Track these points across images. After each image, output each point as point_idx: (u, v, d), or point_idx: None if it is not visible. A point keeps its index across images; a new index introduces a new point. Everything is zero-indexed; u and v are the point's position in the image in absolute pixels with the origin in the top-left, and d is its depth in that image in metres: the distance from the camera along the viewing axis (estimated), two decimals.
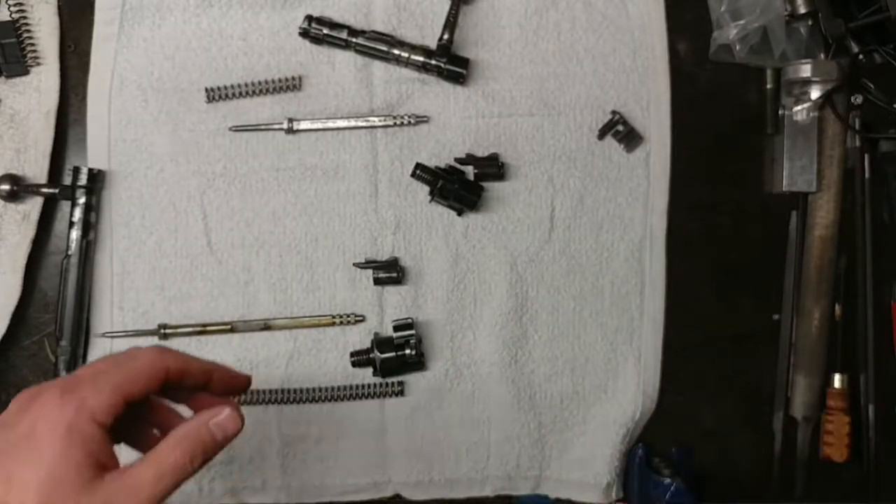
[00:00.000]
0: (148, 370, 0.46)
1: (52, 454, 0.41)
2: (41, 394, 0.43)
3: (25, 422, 0.42)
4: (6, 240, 0.69)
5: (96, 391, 0.43)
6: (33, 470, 0.40)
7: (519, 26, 0.70)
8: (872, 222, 0.70)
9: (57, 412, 0.42)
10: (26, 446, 0.41)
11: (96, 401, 0.42)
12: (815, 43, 0.69)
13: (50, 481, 0.40)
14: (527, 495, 0.71)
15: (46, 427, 0.41)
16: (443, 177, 0.67)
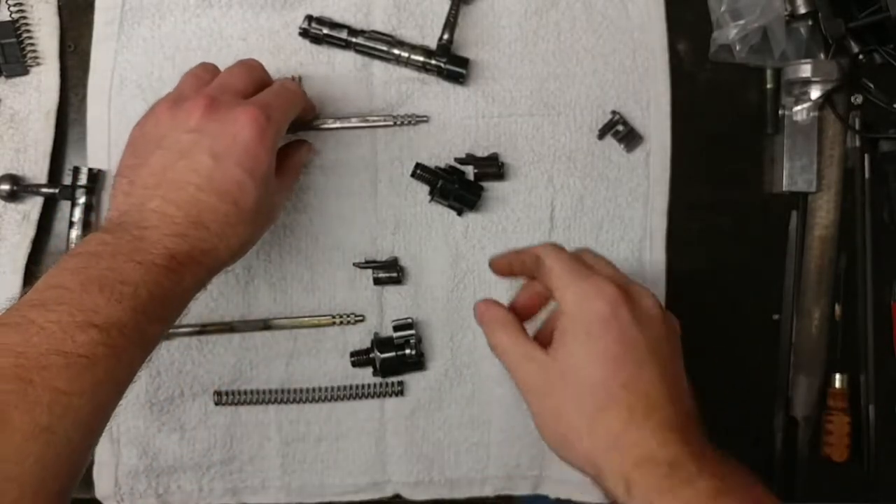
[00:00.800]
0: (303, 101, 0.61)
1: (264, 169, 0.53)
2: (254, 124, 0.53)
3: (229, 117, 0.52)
4: (6, 240, 0.69)
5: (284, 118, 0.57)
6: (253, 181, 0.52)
7: (519, 26, 0.70)
8: (872, 222, 0.70)
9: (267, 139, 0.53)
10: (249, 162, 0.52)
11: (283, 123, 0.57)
12: (815, 43, 0.69)
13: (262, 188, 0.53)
14: (527, 495, 0.71)
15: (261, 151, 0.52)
16: (443, 177, 0.67)
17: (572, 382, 0.49)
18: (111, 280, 0.45)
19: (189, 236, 0.49)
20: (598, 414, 0.48)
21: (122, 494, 0.70)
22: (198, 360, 0.70)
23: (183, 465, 0.70)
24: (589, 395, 0.48)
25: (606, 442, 0.47)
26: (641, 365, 0.48)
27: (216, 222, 0.50)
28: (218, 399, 0.70)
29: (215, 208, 0.50)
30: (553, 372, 0.50)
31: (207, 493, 0.70)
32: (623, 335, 0.48)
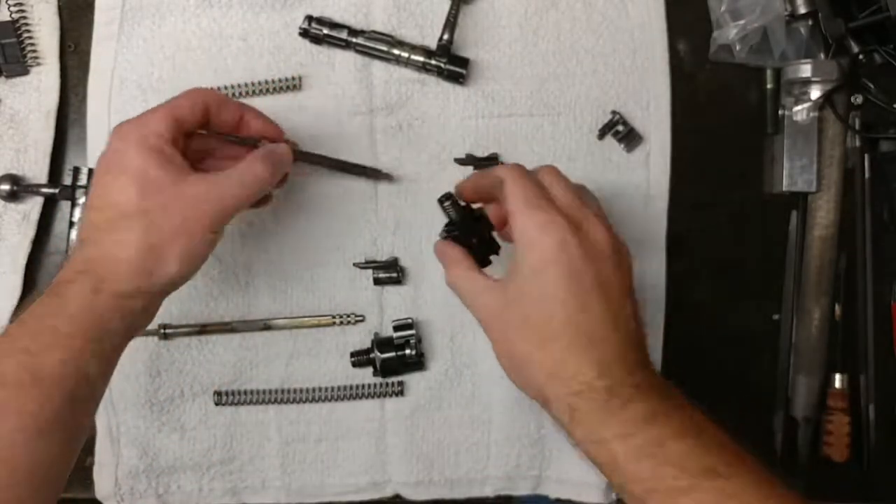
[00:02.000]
0: (189, 96, 0.55)
1: (136, 162, 0.51)
2: (113, 133, 0.53)
3: (108, 152, 0.53)
4: (6, 240, 0.69)
5: (151, 114, 0.54)
6: (127, 177, 0.51)
7: (519, 26, 0.70)
8: (872, 222, 0.70)
9: (127, 135, 0.52)
10: (115, 163, 0.52)
11: (153, 119, 0.53)
12: (815, 43, 0.69)
13: (142, 180, 0.51)
14: (527, 495, 0.71)
15: (123, 148, 0.52)
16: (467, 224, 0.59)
17: (520, 314, 0.51)
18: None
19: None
20: (542, 344, 0.50)
21: (122, 494, 0.70)
22: (198, 360, 0.70)
23: (183, 465, 0.70)
24: (534, 327, 0.50)
25: (549, 371, 0.49)
26: (586, 300, 0.49)
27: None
28: (218, 399, 0.70)
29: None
30: (504, 302, 0.52)
31: (207, 493, 0.70)
32: (569, 271, 0.49)
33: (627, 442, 0.47)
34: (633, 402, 0.48)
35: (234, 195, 0.53)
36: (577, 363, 0.49)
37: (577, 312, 0.49)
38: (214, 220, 0.53)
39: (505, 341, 0.52)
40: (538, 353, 0.50)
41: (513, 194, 0.51)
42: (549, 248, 0.49)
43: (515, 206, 0.51)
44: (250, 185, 0.54)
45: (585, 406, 0.48)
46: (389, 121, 0.70)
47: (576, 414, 0.49)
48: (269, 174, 0.56)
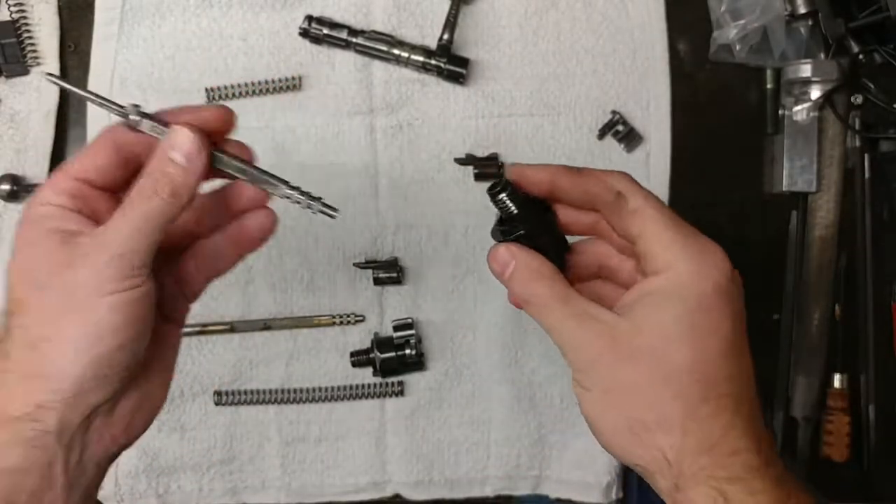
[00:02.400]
0: (94, 144, 0.43)
1: (20, 242, 0.41)
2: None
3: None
4: (6, 240, 0.69)
5: (45, 184, 0.42)
6: (13, 259, 0.41)
7: (519, 26, 0.70)
8: (873, 222, 0.70)
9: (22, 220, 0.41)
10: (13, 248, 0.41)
11: (44, 190, 0.42)
12: (816, 43, 0.69)
13: (22, 260, 0.40)
14: (527, 495, 0.71)
15: (17, 231, 0.41)
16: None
17: (657, 360, 0.39)
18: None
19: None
20: (695, 407, 0.39)
21: (122, 494, 0.70)
22: (198, 360, 0.70)
23: (183, 465, 0.70)
24: (683, 381, 0.39)
25: (700, 443, 0.38)
26: (745, 353, 0.41)
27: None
28: (218, 399, 0.70)
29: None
30: (624, 340, 0.40)
31: (207, 493, 0.70)
32: (736, 317, 0.41)
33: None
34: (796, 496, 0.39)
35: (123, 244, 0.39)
36: (739, 437, 0.39)
37: (740, 367, 0.40)
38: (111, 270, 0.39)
39: (618, 391, 0.40)
40: (685, 417, 0.39)
41: (650, 212, 0.42)
42: (717, 289, 0.41)
43: (660, 230, 0.41)
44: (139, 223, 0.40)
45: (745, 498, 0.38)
46: (389, 121, 0.70)
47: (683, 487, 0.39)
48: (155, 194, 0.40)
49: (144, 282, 0.40)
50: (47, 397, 0.38)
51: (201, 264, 0.47)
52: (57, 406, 0.38)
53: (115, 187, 0.44)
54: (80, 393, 0.38)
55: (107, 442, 0.41)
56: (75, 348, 0.38)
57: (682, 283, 0.40)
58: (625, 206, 0.42)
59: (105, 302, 0.38)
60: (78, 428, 0.39)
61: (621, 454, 0.41)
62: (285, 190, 0.47)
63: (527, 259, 0.43)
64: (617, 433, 0.41)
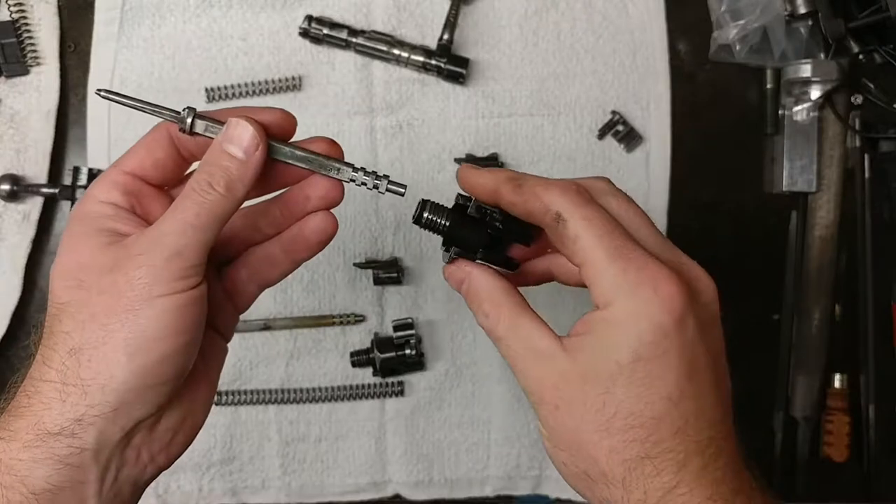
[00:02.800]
0: (148, 137, 0.42)
1: (68, 241, 0.39)
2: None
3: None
4: (6, 240, 0.69)
5: (96, 181, 0.41)
6: (58, 258, 0.39)
7: (519, 26, 0.70)
8: (872, 222, 0.70)
9: (71, 220, 0.40)
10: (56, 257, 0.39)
11: (97, 185, 0.40)
12: (815, 43, 0.69)
13: (67, 261, 0.38)
14: (527, 495, 0.71)
15: (67, 225, 0.40)
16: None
17: (596, 410, 0.36)
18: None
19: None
20: (639, 463, 0.36)
21: None
22: None
23: (183, 465, 0.70)
24: (621, 437, 0.36)
25: (645, 500, 0.36)
26: (701, 396, 0.36)
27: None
28: (218, 399, 0.70)
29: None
30: (567, 382, 0.37)
31: (207, 493, 0.70)
32: (686, 360, 0.36)
33: None
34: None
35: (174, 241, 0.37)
36: (690, 492, 0.36)
37: (692, 416, 0.36)
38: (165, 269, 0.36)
39: (568, 438, 0.37)
40: (630, 472, 0.36)
41: (586, 238, 0.37)
42: (659, 330, 0.35)
43: (595, 259, 0.37)
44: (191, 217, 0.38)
45: None
46: (389, 120, 0.70)
47: None
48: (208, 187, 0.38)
49: (199, 282, 0.38)
50: (87, 411, 0.35)
51: (253, 273, 0.45)
52: (96, 421, 0.35)
53: (170, 184, 0.43)
54: (122, 406, 0.36)
55: (145, 461, 0.39)
56: (121, 356, 0.35)
57: (620, 326, 0.36)
58: (564, 230, 0.38)
59: (157, 304, 0.36)
60: (117, 445, 0.36)
61: (579, 493, 0.39)
62: (351, 173, 0.44)
63: (487, 284, 0.41)
64: (569, 476, 0.39)
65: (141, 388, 0.36)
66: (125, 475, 0.38)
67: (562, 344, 0.38)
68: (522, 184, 0.39)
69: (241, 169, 0.39)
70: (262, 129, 0.41)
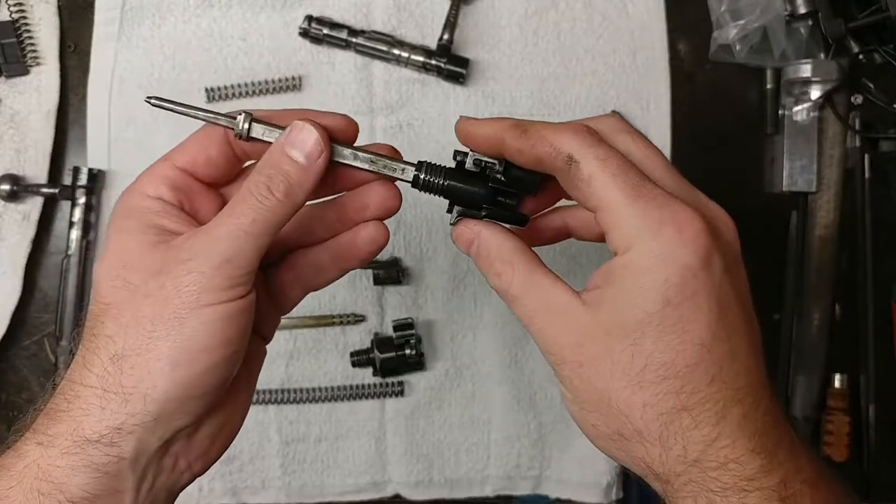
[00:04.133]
0: (202, 133, 0.40)
1: (114, 237, 0.37)
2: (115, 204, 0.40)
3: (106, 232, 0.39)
4: (6, 240, 0.69)
5: (146, 173, 0.39)
6: (104, 255, 0.37)
7: (519, 26, 0.70)
8: (873, 222, 0.70)
9: (116, 206, 0.39)
10: (101, 250, 0.39)
11: (145, 179, 0.39)
12: (816, 43, 0.69)
13: (113, 258, 0.37)
14: (527, 495, 0.71)
15: (111, 223, 0.38)
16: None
17: (625, 365, 0.34)
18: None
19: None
20: (675, 416, 0.33)
21: None
22: None
23: None
24: (655, 390, 0.33)
25: (685, 455, 0.33)
26: (734, 340, 0.34)
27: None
28: None
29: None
30: (593, 338, 0.35)
31: (208, 493, 0.70)
32: (716, 301, 0.34)
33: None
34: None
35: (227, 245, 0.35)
36: (731, 444, 0.33)
37: (728, 363, 0.34)
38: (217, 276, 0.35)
39: (593, 395, 0.35)
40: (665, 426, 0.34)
41: (601, 179, 0.35)
42: (686, 270, 0.34)
43: (613, 200, 0.35)
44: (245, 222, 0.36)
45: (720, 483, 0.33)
46: (390, 120, 0.70)
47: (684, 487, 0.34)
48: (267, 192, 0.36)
49: (249, 291, 0.36)
50: (126, 420, 0.34)
51: (300, 277, 0.43)
52: (136, 430, 0.34)
53: (221, 182, 0.41)
54: (163, 416, 0.35)
55: (182, 469, 0.38)
56: (164, 366, 0.34)
57: (644, 270, 0.34)
58: (577, 172, 0.35)
59: (205, 313, 0.34)
60: (155, 454, 0.36)
61: (611, 457, 0.37)
62: (413, 172, 0.42)
63: (500, 243, 0.38)
64: (600, 438, 0.36)
65: (183, 398, 0.35)
66: (161, 482, 0.37)
67: (581, 298, 0.35)
68: (528, 129, 0.37)
69: (303, 175, 0.37)
70: (325, 133, 0.39)
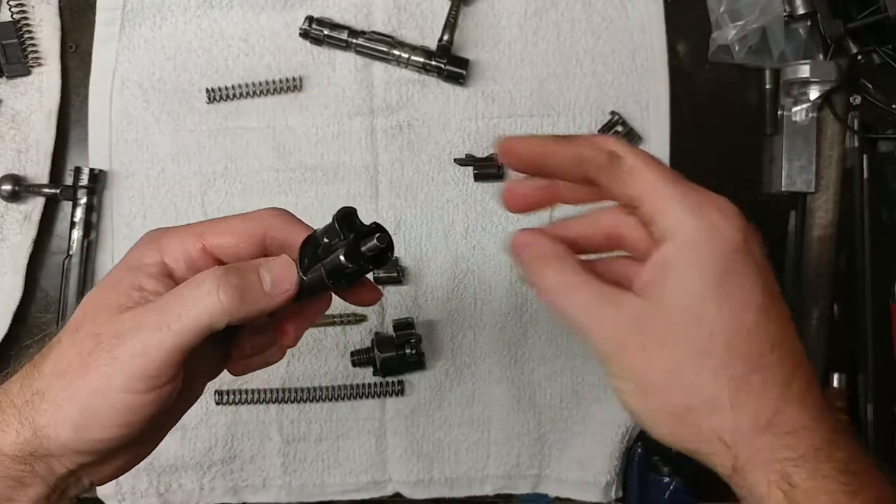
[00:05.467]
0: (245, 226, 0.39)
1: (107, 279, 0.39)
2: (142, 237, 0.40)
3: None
4: (8, 240, 0.69)
5: (178, 234, 0.39)
6: (87, 295, 0.39)
7: (518, 27, 0.70)
8: (871, 222, 0.70)
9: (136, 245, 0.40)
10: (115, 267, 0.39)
11: (172, 241, 0.39)
12: (814, 43, 0.69)
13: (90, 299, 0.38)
14: (527, 494, 0.71)
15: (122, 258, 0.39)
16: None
17: (689, 338, 0.35)
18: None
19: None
20: (745, 379, 0.34)
21: (123, 493, 0.70)
22: None
23: (184, 464, 0.70)
24: (723, 354, 0.35)
25: (755, 421, 0.34)
26: (783, 315, 0.36)
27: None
28: (219, 398, 0.70)
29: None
30: (650, 322, 0.36)
31: (208, 492, 0.70)
32: (764, 274, 0.36)
33: None
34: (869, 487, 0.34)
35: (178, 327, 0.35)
36: (799, 410, 0.34)
37: (784, 330, 0.36)
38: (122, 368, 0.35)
39: (656, 375, 0.36)
40: (735, 392, 0.35)
41: (648, 170, 0.36)
42: (733, 244, 0.35)
43: (661, 187, 0.36)
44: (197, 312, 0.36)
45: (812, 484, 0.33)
46: (390, 121, 0.70)
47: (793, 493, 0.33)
48: (222, 297, 0.36)
49: (165, 383, 0.36)
50: (37, 449, 0.36)
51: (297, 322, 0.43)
52: (46, 458, 0.36)
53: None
54: (67, 455, 0.37)
55: (94, 480, 0.40)
56: (69, 425, 0.36)
57: (696, 246, 0.35)
58: (620, 166, 0.37)
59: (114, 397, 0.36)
60: (64, 475, 0.38)
61: (673, 442, 0.37)
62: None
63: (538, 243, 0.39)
64: (663, 422, 0.37)
65: (85, 451, 0.37)
66: (74, 490, 0.39)
67: (634, 290, 0.37)
68: (571, 136, 0.39)
69: (258, 299, 0.37)
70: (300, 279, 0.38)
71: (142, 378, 0.35)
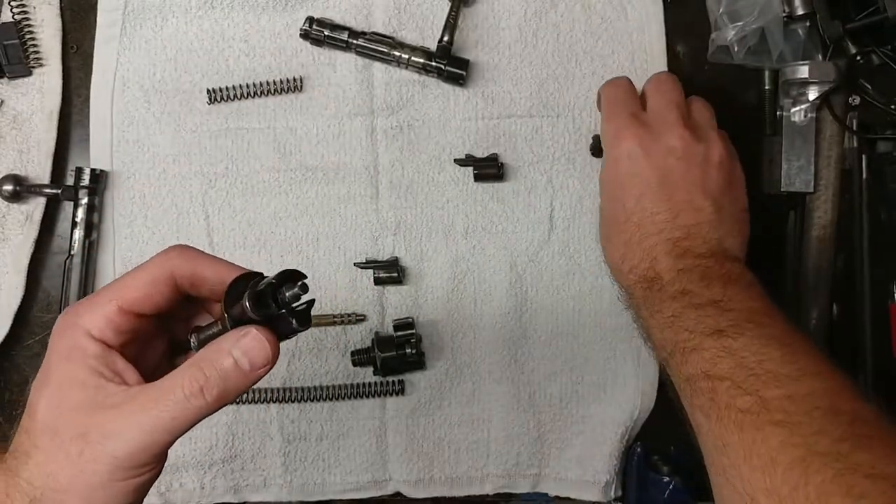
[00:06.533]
0: (147, 275, 0.41)
1: (56, 376, 0.40)
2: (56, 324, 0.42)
3: (47, 354, 0.41)
4: (9, 240, 0.69)
5: (90, 307, 0.41)
6: (42, 395, 0.40)
7: (518, 28, 0.70)
8: (870, 223, 0.71)
9: (59, 336, 0.41)
10: (41, 376, 0.41)
11: (90, 316, 0.40)
12: (813, 44, 0.69)
13: (53, 400, 0.40)
14: (526, 493, 0.72)
15: (52, 352, 0.41)
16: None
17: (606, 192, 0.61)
18: None
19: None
20: (611, 238, 0.59)
21: None
22: None
23: (185, 463, 0.70)
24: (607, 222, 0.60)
25: (614, 263, 0.59)
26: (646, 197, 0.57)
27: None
28: None
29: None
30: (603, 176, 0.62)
31: (209, 492, 0.71)
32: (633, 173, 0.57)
33: (656, 317, 0.54)
34: (672, 285, 0.54)
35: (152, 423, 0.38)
36: (635, 258, 0.57)
37: (637, 209, 0.57)
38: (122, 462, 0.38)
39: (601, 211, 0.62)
40: (611, 237, 0.60)
41: (603, 104, 0.62)
42: (616, 156, 0.58)
43: (602, 115, 0.62)
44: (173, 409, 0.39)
45: (641, 294, 0.56)
46: (390, 122, 0.70)
47: (632, 300, 0.58)
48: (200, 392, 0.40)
49: (158, 464, 0.40)
50: None
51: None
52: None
53: (165, 313, 0.43)
54: None
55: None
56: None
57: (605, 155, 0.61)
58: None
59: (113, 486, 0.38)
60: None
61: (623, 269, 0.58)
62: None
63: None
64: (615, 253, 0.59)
65: None
66: None
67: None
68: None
69: (240, 380, 0.41)
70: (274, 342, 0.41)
71: (141, 464, 0.39)
